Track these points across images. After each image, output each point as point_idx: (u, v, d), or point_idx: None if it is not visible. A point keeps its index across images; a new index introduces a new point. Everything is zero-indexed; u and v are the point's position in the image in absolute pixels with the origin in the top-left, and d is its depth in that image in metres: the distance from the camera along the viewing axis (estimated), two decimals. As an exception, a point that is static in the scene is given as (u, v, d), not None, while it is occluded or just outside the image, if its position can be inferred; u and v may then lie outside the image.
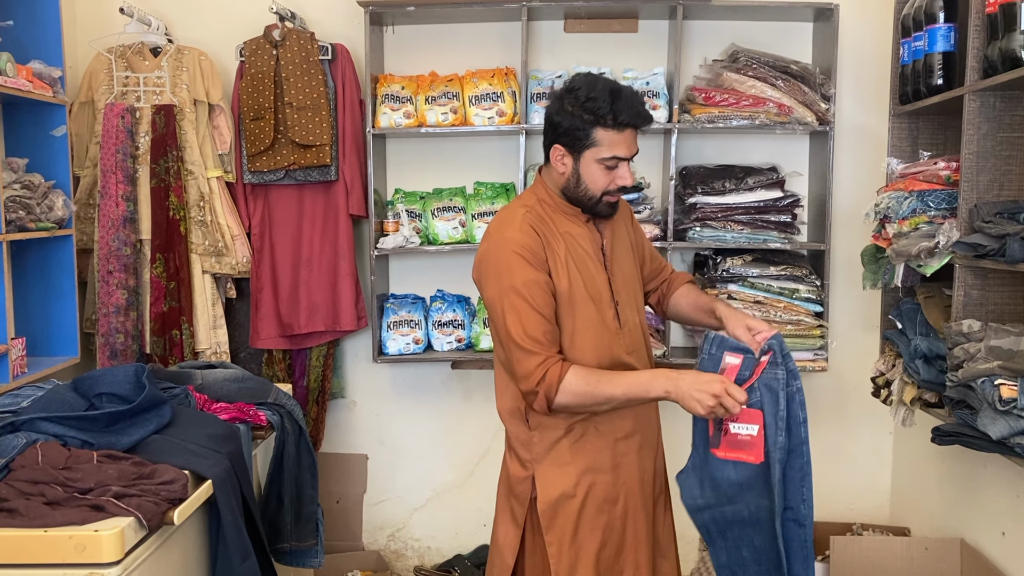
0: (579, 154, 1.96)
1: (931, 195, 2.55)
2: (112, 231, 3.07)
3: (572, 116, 1.93)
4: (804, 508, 2.02)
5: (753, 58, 3.07)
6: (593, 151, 1.95)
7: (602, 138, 1.93)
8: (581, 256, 2.02)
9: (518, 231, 1.96)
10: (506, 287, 1.93)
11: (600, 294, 2.03)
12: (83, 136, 3.18)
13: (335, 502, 3.52)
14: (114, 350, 3.09)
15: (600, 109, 1.90)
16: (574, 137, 1.95)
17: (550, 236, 1.99)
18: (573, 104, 1.93)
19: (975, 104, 2.35)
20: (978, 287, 2.38)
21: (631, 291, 2.12)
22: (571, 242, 2.01)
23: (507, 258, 1.94)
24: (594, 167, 1.96)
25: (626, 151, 1.96)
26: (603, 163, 1.95)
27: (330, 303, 3.26)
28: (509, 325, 1.92)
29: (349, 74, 3.21)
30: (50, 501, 1.77)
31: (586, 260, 2.02)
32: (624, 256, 2.14)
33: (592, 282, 2.02)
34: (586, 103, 1.91)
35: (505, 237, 1.97)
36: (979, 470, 2.72)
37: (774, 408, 1.96)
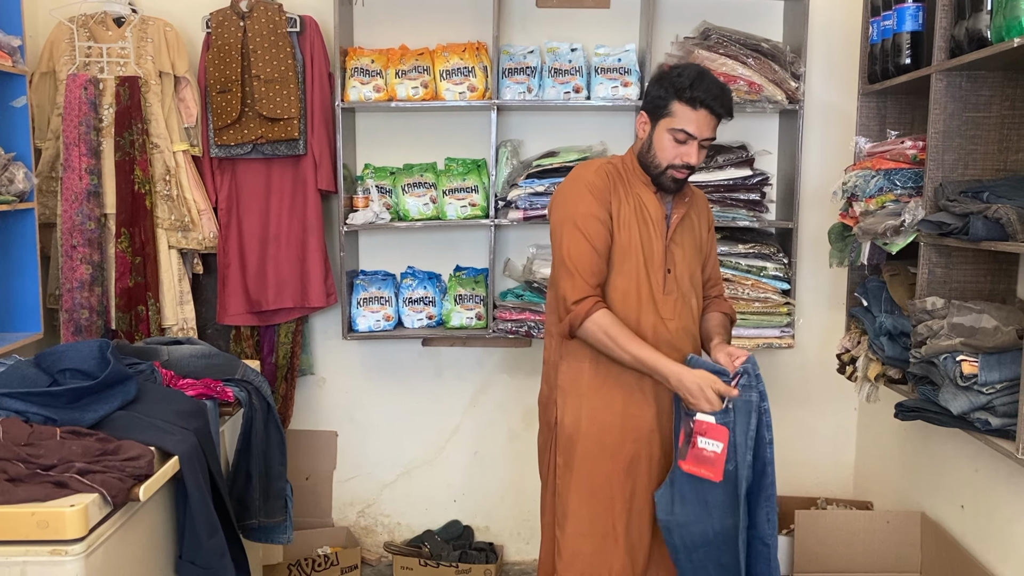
0: (656, 122, 2.14)
1: (897, 174, 2.58)
2: (76, 205, 3.01)
3: (659, 86, 2.13)
4: (768, 528, 2.14)
5: (724, 36, 3.07)
6: (667, 120, 2.12)
7: (677, 110, 2.10)
8: (644, 217, 2.19)
9: (592, 173, 2.19)
10: (568, 215, 2.15)
11: (653, 255, 2.18)
12: (44, 107, 3.11)
13: (304, 479, 3.51)
14: (78, 326, 3.04)
15: (681, 83, 2.08)
16: (655, 105, 2.13)
17: (622, 190, 2.19)
18: (664, 76, 2.13)
19: (942, 84, 2.38)
20: (942, 265, 2.42)
21: (688, 269, 2.26)
22: (638, 202, 2.19)
23: (576, 191, 2.17)
24: (665, 137, 2.12)
25: (696, 130, 2.10)
26: (673, 135, 2.11)
27: (298, 279, 3.23)
28: (563, 249, 2.15)
29: (318, 46, 3.16)
30: (12, 478, 1.74)
31: (648, 222, 2.19)
32: (688, 240, 2.28)
33: (648, 242, 2.18)
34: (673, 77, 2.10)
35: (580, 175, 2.21)
36: (940, 445, 2.78)
37: (745, 428, 2.08)
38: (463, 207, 3.20)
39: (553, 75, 3.12)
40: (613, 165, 2.23)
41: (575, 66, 3.12)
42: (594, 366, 2.21)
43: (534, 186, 3.11)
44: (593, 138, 3.26)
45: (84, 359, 2.05)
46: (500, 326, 3.19)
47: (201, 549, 2.04)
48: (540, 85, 3.14)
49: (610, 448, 2.21)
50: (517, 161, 3.22)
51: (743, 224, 3.12)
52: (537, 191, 3.11)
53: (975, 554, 2.56)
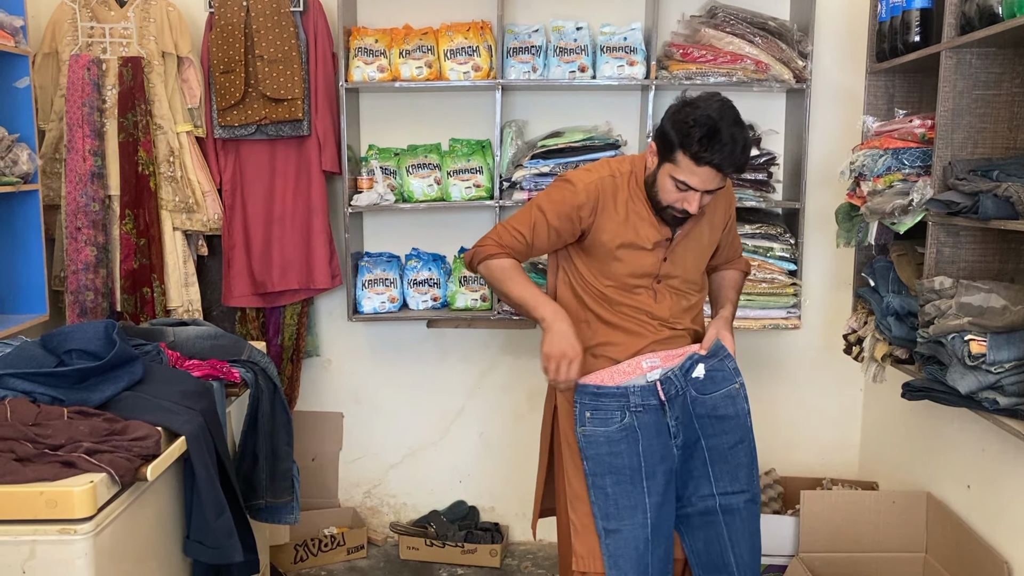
0: (661, 162, 2.07)
1: (906, 153, 2.56)
2: (80, 187, 3.00)
3: (671, 126, 2.02)
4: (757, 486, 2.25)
5: (731, 14, 3.04)
6: (670, 167, 2.04)
7: (681, 161, 2.01)
8: (640, 234, 2.15)
9: (583, 185, 2.15)
10: (539, 201, 2.19)
11: (640, 268, 2.17)
12: (47, 89, 3.10)
13: (311, 460, 3.52)
14: (84, 308, 3.05)
15: (688, 138, 1.97)
16: (663, 144, 2.05)
17: (614, 203, 2.15)
18: (679, 117, 2.01)
19: (951, 61, 2.35)
20: (950, 244, 2.40)
21: (685, 274, 2.24)
22: (635, 218, 2.15)
23: (557, 190, 2.18)
24: (668, 180, 2.06)
25: (699, 184, 2.03)
26: (675, 182, 2.04)
27: (303, 261, 3.23)
28: (517, 213, 2.22)
29: (321, 26, 3.14)
30: (20, 457, 1.75)
31: (642, 239, 2.15)
32: (693, 245, 2.24)
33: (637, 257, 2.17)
34: (684, 125, 1.98)
35: (574, 177, 2.18)
36: (946, 425, 2.77)
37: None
38: (468, 188, 3.19)
39: (558, 54, 3.09)
40: (615, 181, 2.16)
41: (580, 45, 3.09)
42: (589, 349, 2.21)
43: (539, 167, 3.09)
44: (598, 118, 3.24)
45: (90, 340, 2.05)
46: (505, 308, 3.18)
47: (209, 528, 2.05)
48: (545, 64, 3.11)
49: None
50: (522, 141, 3.20)
51: (749, 204, 3.10)
52: (542, 172, 3.09)
53: (981, 534, 2.56)
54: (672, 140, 2.01)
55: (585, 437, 2.14)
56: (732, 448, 2.21)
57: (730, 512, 2.21)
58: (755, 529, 2.25)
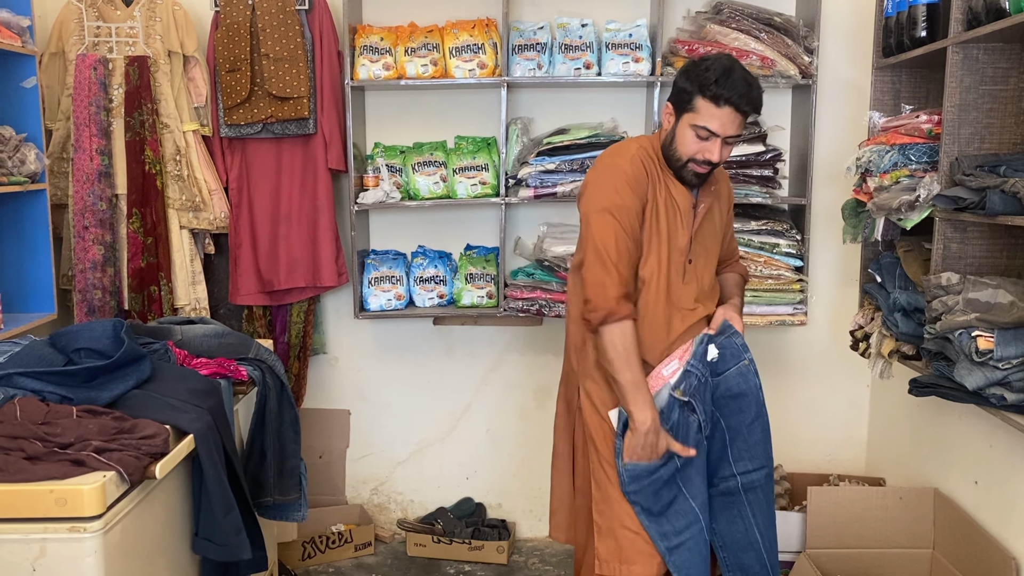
0: (680, 115, 2.10)
1: (912, 149, 2.55)
2: (87, 186, 3.01)
3: (685, 78, 2.08)
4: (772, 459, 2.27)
5: (737, 10, 3.04)
6: (690, 116, 2.07)
7: (701, 107, 2.04)
8: (673, 208, 2.16)
9: (628, 162, 2.13)
10: (605, 204, 2.10)
11: (677, 246, 2.17)
12: (54, 88, 3.11)
13: (318, 457, 3.53)
14: (92, 306, 3.06)
15: (706, 80, 2.02)
16: (680, 98, 2.09)
17: (655, 179, 2.15)
18: (692, 69, 2.07)
19: (958, 56, 2.34)
20: (957, 240, 2.40)
21: (708, 258, 2.26)
22: (668, 193, 2.16)
23: (613, 180, 2.11)
24: (688, 132, 2.08)
25: (719, 127, 2.05)
26: (696, 130, 2.07)
27: (310, 259, 3.23)
28: (598, 239, 2.09)
29: (327, 25, 3.14)
30: (30, 456, 1.75)
31: (676, 214, 2.17)
32: (710, 229, 2.26)
33: (675, 233, 2.16)
34: (700, 71, 2.04)
35: (615, 164, 2.15)
36: (953, 421, 2.77)
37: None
38: (473, 185, 3.19)
39: (563, 51, 3.09)
40: (646, 152, 2.17)
41: (585, 42, 3.09)
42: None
43: (544, 164, 3.09)
44: (604, 115, 3.24)
45: (99, 338, 2.06)
46: (511, 305, 3.18)
47: (217, 526, 2.06)
48: (550, 61, 3.11)
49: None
50: (527, 139, 3.20)
51: (756, 200, 3.10)
52: (548, 169, 3.09)
53: (989, 530, 2.55)
54: (689, 88, 2.06)
55: (628, 471, 2.14)
56: (749, 426, 2.24)
57: (751, 490, 2.24)
58: (772, 502, 2.28)
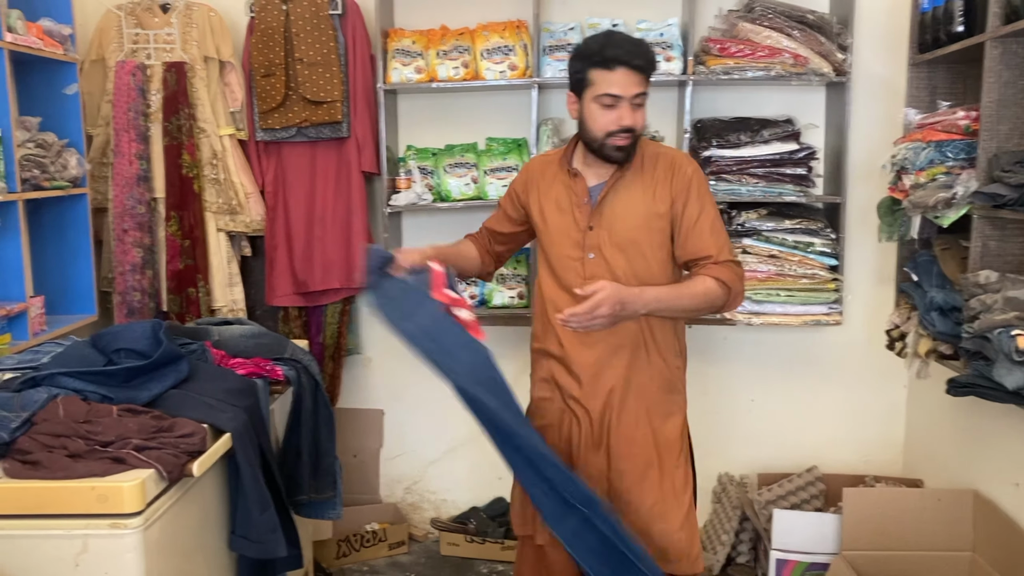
0: (581, 97, 2.09)
1: (949, 145, 2.52)
2: (126, 190, 3.07)
3: (572, 63, 2.10)
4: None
5: (769, 8, 3.01)
6: (590, 91, 2.05)
7: (595, 77, 2.03)
8: (561, 205, 2.19)
9: (523, 168, 2.37)
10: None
11: (570, 240, 2.16)
12: (95, 94, 3.18)
13: (352, 456, 3.57)
14: (131, 308, 3.12)
15: (590, 49, 2.04)
16: (576, 80, 2.09)
17: (544, 183, 2.24)
18: (577, 50, 2.10)
19: (996, 51, 2.31)
20: (996, 238, 2.36)
21: (621, 248, 2.11)
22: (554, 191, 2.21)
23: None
24: (593, 107, 2.06)
25: (620, 89, 2.03)
26: (599, 102, 2.04)
27: (344, 260, 3.27)
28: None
29: (359, 29, 3.18)
30: (72, 454, 1.80)
31: (564, 209, 2.18)
32: (627, 214, 2.11)
33: (566, 228, 2.17)
34: (582, 49, 2.07)
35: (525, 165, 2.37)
36: (993, 422, 2.72)
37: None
38: (505, 187, 3.20)
39: (594, 52, 3.09)
40: (545, 159, 2.30)
41: (616, 42, 3.08)
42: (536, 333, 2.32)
43: (576, 164, 3.09)
44: (635, 115, 3.23)
45: (138, 339, 2.10)
46: (543, 305, 3.18)
47: (253, 524, 2.09)
48: (581, 62, 3.11)
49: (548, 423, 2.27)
50: (558, 139, 3.21)
51: (790, 199, 3.07)
52: (579, 169, 3.09)
53: (1030, 532, 2.51)
54: (579, 66, 2.06)
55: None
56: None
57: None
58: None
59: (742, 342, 3.41)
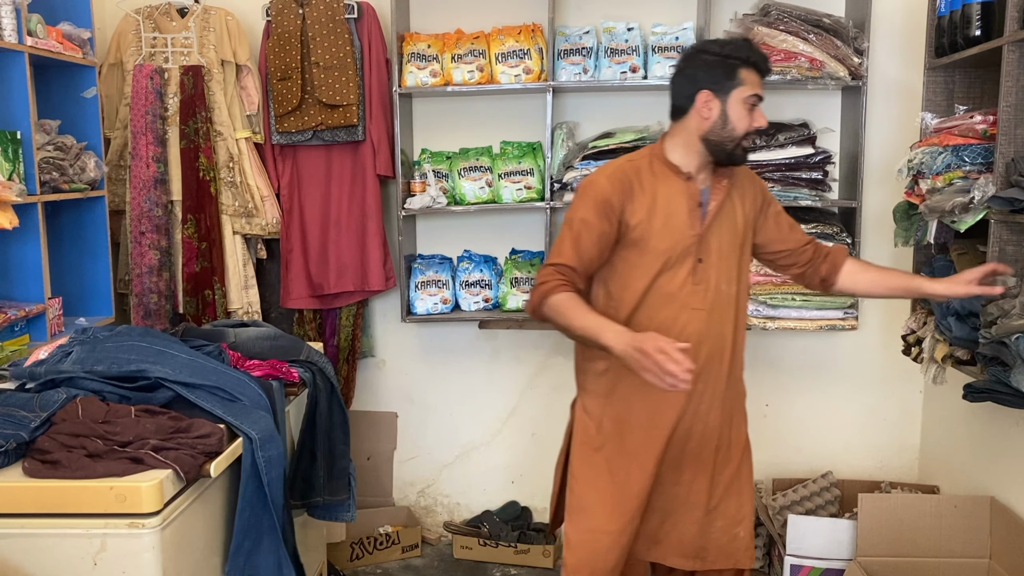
0: (726, 95, 2.08)
1: (966, 150, 2.50)
2: (143, 192, 3.10)
3: (717, 62, 2.08)
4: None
5: (784, 12, 3.01)
6: (739, 91, 2.07)
7: (746, 78, 2.07)
8: (669, 211, 2.11)
9: (606, 178, 2.12)
10: (570, 215, 2.13)
11: (675, 248, 2.10)
12: (113, 98, 3.20)
13: (366, 459, 3.58)
14: (148, 310, 3.14)
15: (743, 52, 2.08)
16: (720, 81, 2.07)
17: (641, 188, 2.11)
18: (716, 52, 2.09)
19: (1014, 55, 2.30)
20: (1013, 242, 2.35)
21: (723, 257, 2.16)
22: (664, 195, 2.11)
23: (584, 196, 2.12)
24: (739, 107, 2.08)
25: (761, 91, 2.10)
26: (746, 102, 2.08)
27: (359, 263, 3.28)
28: (555, 242, 2.14)
29: (375, 33, 3.19)
30: (91, 453, 1.81)
31: (672, 215, 2.10)
32: (727, 226, 2.17)
33: (670, 235, 2.10)
34: (729, 48, 2.09)
35: (593, 180, 2.14)
36: (1010, 428, 2.70)
37: None
38: (519, 190, 3.21)
39: (609, 55, 3.10)
40: (633, 164, 2.14)
41: (632, 45, 3.09)
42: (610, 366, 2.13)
43: (590, 168, 3.09)
44: (650, 118, 3.23)
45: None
46: (557, 308, 3.18)
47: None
48: (596, 66, 3.12)
49: (630, 445, 2.17)
50: (573, 143, 3.21)
51: (805, 203, 3.07)
52: (594, 173, 3.09)
53: (1048, 539, 2.49)
54: (730, 67, 2.06)
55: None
56: None
57: None
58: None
59: (757, 347, 3.40)
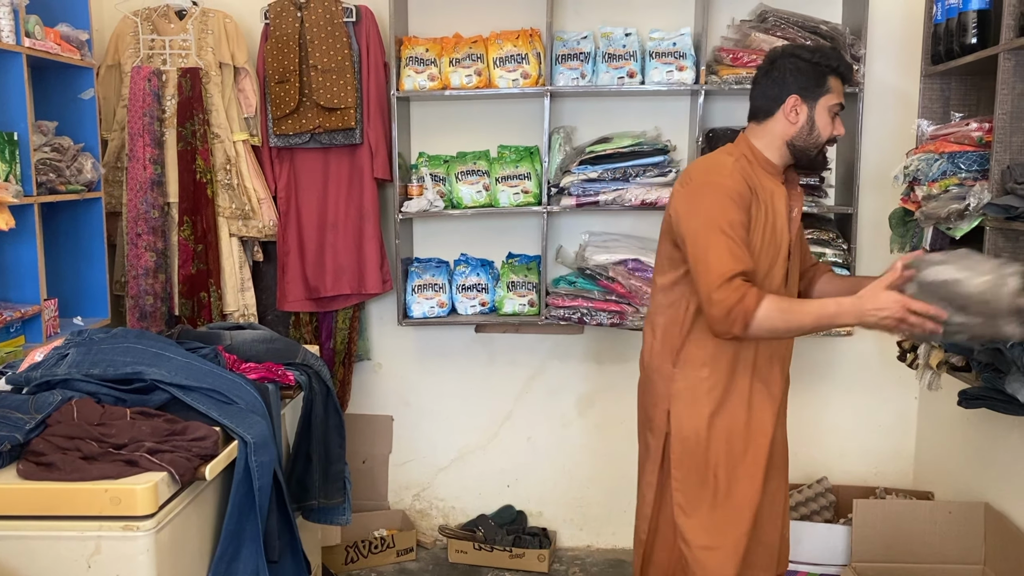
0: (814, 102, 2.11)
1: (962, 157, 2.51)
2: (140, 194, 3.10)
3: (809, 68, 2.09)
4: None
5: (782, 18, 3.02)
6: (827, 98, 2.11)
7: (834, 86, 2.11)
8: (775, 212, 2.11)
9: (729, 178, 2.06)
10: (713, 225, 2.01)
11: (779, 251, 2.13)
12: (110, 99, 3.20)
13: (361, 462, 3.57)
14: (144, 312, 3.14)
15: (833, 60, 2.10)
16: (810, 87, 2.10)
17: (755, 187, 2.09)
18: (808, 58, 2.10)
19: (1010, 63, 2.31)
20: (1008, 249, 2.35)
21: (797, 259, 2.23)
22: (769, 198, 2.11)
23: (718, 199, 2.03)
24: (825, 114, 2.12)
25: (843, 100, 2.15)
26: (831, 110, 2.12)
27: (355, 266, 3.28)
28: (711, 258, 1.99)
29: (373, 36, 3.19)
30: (86, 456, 1.81)
31: (777, 218, 2.12)
32: (798, 231, 2.22)
33: (775, 237, 2.12)
34: (819, 56, 2.10)
35: (715, 182, 2.06)
36: (1004, 434, 2.71)
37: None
38: (516, 194, 3.21)
39: (607, 60, 3.10)
40: (743, 164, 2.10)
41: (629, 51, 3.10)
42: (713, 373, 2.13)
43: (587, 172, 3.10)
44: (647, 123, 3.24)
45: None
46: (552, 313, 3.19)
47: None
48: (594, 71, 3.12)
49: (738, 454, 2.14)
50: (570, 147, 3.22)
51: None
52: (590, 177, 3.10)
53: (1042, 546, 2.50)
54: (820, 74, 2.09)
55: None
56: None
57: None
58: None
59: (752, 352, 3.40)
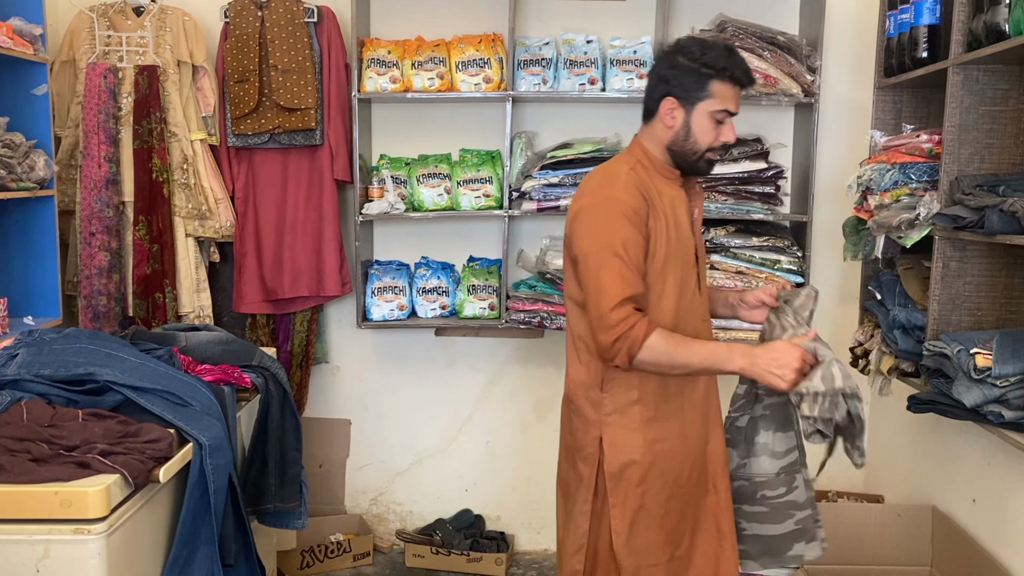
0: (692, 106, 1.99)
1: (913, 167, 2.58)
2: (94, 192, 3.04)
3: (688, 69, 1.97)
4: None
5: (740, 28, 3.07)
6: (706, 103, 1.98)
7: (717, 91, 1.97)
8: (676, 219, 2.02)
9: (623, 191, 1.96)
10: (605, 245, 1.92)
11: (687, 258, 2.05)
12: (64, 96, 3.14)
13: (318, 466, 3.54)
14: (97, 312, 3.08)
15: (718, 63, 1.95)
16: (688, 89, 1.98)
17: (652, 197, 1.99)
18: (690, 58, 1.97)
19: (959, 77, 2.37)
20: (956, 258, 2.42)
21: (704, 261, 2.17)
22: (668, 204, 2.02)
23: (610, 216, 1.94)
24: (705, 120, 1.99)
25: (734, 107, 2.00)
26: (713, 116, 1.98)
27: (314, 268, 3.26)
28: (602, 281, 1.91)
29: (335, 37, 3.18)
30: (36, 458, 1.77)
31: (680, 224, 2.03)
32: (699, 230, 2.15)
33: (682, 246, 2.03)
34: (703, 57, 1.96)
35: (609, 196, 1.96)
36: (952, 439, 2.78)
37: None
38: (477, 198, 3.22)
39: (568, 67, 3.13)
40: (635, 172, 2.00)
41: (590, 58, 3.12)
42: (643, 395, 2.04)
43: (548, 177, 3.12)
44: (608, 129, 3.27)
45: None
46: (513, 316, 3.20)
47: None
48: (555, 77, 3.15)
49: (675, 474, 2.08)
50: (531, 152, 3.23)
51: (757, 217, 3.12)
52: (551, 182, 3.12)
53: (987, 548, 2.56)
54: (699, 78, 1.96)
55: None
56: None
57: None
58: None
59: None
